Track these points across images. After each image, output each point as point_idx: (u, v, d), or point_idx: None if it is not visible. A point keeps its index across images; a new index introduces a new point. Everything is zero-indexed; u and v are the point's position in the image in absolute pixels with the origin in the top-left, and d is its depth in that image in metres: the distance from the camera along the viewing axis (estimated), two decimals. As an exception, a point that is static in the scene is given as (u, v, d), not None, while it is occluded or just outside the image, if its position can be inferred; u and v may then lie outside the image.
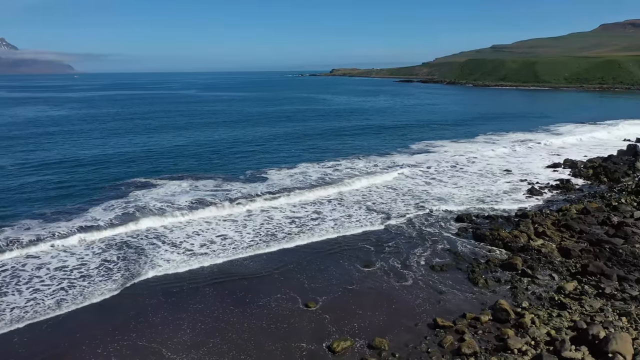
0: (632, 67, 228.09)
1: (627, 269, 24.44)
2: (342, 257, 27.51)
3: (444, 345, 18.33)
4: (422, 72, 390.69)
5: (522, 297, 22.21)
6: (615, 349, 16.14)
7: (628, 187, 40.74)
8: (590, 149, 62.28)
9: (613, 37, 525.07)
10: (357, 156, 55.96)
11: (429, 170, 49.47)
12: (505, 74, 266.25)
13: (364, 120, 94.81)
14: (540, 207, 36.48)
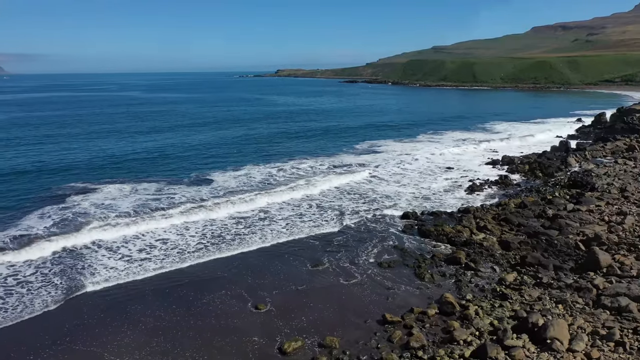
0: (563, 68, 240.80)
1: (562, 259, 25.75)
2: (292, 258, 27.47)
3: (393, 340, 18.66)
4: (366, 73, 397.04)
5: (466, 290, 22.95)
6: (553, 335, 16.95)
7: (561, 182, 42.95)
8: (526, 146, 65.17)
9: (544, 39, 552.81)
10: (304, 157, 56.09)
11: (375, 169, 50.23)
12: (446, 74, 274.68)
13: (310, 121, 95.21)
14: (481, 203, 37.85)
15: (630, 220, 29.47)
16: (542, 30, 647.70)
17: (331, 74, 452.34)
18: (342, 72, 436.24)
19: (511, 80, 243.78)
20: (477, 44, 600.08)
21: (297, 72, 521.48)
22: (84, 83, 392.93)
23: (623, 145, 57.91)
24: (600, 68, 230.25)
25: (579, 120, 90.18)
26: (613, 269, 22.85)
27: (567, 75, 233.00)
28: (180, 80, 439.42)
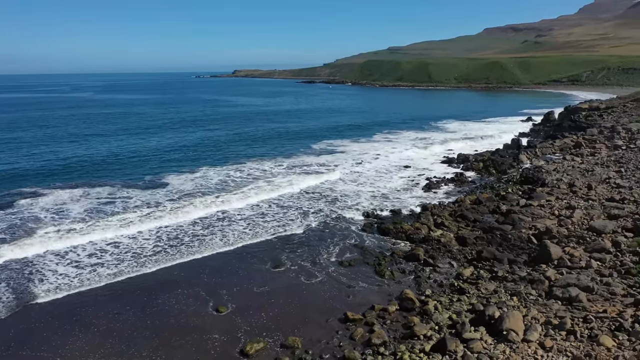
0: (513, 69, 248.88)
1: (515, 253, 26.60)
2: (252, 259, 27.27)
3: (355, 338, 18.81)
4: (324, 73, 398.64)
5: (425, 286, 23.38)
6: (509, 327, 17.48)
7: (514, 178, 44.36)
8: (480, 144, 67.01)
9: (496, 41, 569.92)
10: (262, 158, 55.75)
11: (334, 169, 50.50)
12: (402, 74, 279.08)
13: (268, 122, 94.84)
14: (438, 200, 38.66)
15: (578, 213, 30.71)
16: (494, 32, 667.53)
17: (289, 74, 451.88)
18: (300, 73, 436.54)
19: (465, 81, 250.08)
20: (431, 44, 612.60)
21: (255, 73, 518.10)
22: (26, 85, 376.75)
23: (570, 142, 60.26)
24: (549, 68, 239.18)
25: (529, 119, 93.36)
26: (563, 261, 23.76)
27: (518, 75, 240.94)
28: (135, 81, 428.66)
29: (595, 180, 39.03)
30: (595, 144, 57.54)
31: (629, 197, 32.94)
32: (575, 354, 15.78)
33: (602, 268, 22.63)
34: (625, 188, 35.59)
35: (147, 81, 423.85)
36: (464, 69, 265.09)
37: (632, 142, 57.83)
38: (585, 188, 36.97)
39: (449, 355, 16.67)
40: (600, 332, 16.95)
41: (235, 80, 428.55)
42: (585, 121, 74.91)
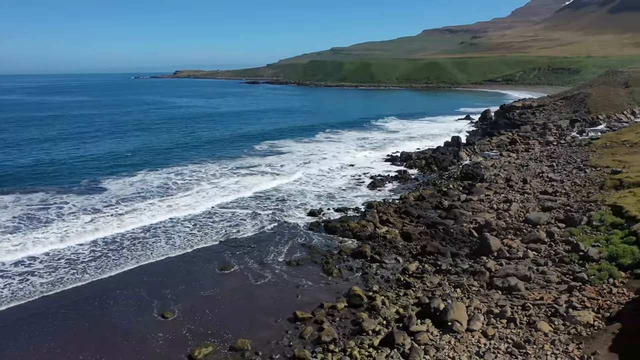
0: (451, 69, 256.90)
1: (458, 246, 27.48)
2: (199, 263, 26.75)
3: (304, 337, 18.83)
4: (268, 74, 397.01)
5: (372, 282, 23.72)
6: (453, 318, 18.04)
7: (454, 174, 45.87)
8: (422, 142, 68.73)
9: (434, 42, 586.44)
10: (205, 160, 54.70)
11: (279, 169, 50.41)
12: (345, 74, 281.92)
13: (211, 123, 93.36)
14: (383, 197, 39.35)
15: (515, 207, 32.12)
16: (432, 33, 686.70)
17: (232, 74, 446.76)
18: (243, 73, 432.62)
19: (406, 80, 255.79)
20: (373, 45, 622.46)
21: (197, 73, 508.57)
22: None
23: (506, 139, 62.97)
24: (484, 68, 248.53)
25: (467, 117, 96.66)
26: (503, 252, 24.76)
27: (456, 75, 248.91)
28: (71, 83, 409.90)
29: (530, 175, 40.96)
30: (529, 141, 60.41)
31: (560, 190, 34.78)
32: (515, 340, 16.49)
33: (538, 258, 23.77)
34: (557, 181, 37.55)
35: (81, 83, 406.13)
36: (405, 69, 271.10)
37: (562, 138, 61.13)
38: (521, 182, 38.72)
39: (397, 348, 17.00)
40: (538, 318, 17.80)
41: (177, 81, 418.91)
42: (519, 119, 78.50)
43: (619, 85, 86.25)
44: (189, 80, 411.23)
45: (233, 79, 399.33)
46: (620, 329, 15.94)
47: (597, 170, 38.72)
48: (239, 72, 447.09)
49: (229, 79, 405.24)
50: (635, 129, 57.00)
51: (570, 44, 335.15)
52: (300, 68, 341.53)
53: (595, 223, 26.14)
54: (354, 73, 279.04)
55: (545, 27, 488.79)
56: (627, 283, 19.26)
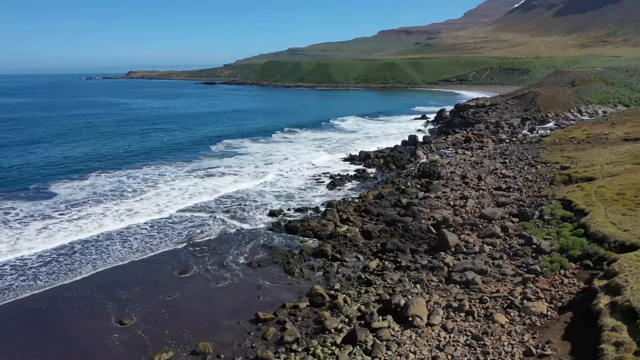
0: (407, 69, 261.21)
1: (417, 243, 27.96)
2: (158, 267, 26.17)
3: (267, 338, 18.72)
4: (224, 74, 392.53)
5: (334, 280, 23.83)
6: (414, 313, 18.34)
7: (412, 172, 46.64)
8: (380, 141, 69.56)
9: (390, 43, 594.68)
10: (160, 162, 53.48)
11: (237, 170, 49.93)
12: (303, 75, 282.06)
13: (167, 124, 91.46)
14: (343, 196, 39.59)
15: (471, 203, 32.96)
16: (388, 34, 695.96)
17: (188, 75, 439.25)
18: (200, 74, 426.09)
19: (363, 81, 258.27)
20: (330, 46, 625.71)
21: (152, 74, 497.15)
22: None
23: (461, 137, 64.54)
24: (439, 69, 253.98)
25: (424, 116, 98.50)
26: (460, 248, 25.37)
27: (412, 75, 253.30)
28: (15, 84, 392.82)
29: (485, 172, 42.13)
30: (483, 139, 62.12)
31: (513, 186, 35.93)
32: (474, 332, 16.91)
33: (494, 252, 24.46)
34: (510, 177, 38.77)
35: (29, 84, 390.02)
36: (362, 70, 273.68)
37: (514, 135, 63.17)
38: (476, 179, 39.77)
39: (359, 345, 17.14)
40: (495, 310, 18.33)
41: (131, 81, 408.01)
42: (473, 118, 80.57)
43: (566, 85, 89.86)
44: (143, 81, 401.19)
45: (189, 80, 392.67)
46: (571, 318, 16.60)
47: (547, 166, 40.22)
48: (195, 73, 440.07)
49: (185, 80, 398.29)
50: (582, 127, 59.52)
51: (520, 45, 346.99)
52: (258, 68, 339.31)
53: (546, 217, 27.14)
54: (312, 73, 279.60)
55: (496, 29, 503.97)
56: (577, 274, 20.07)
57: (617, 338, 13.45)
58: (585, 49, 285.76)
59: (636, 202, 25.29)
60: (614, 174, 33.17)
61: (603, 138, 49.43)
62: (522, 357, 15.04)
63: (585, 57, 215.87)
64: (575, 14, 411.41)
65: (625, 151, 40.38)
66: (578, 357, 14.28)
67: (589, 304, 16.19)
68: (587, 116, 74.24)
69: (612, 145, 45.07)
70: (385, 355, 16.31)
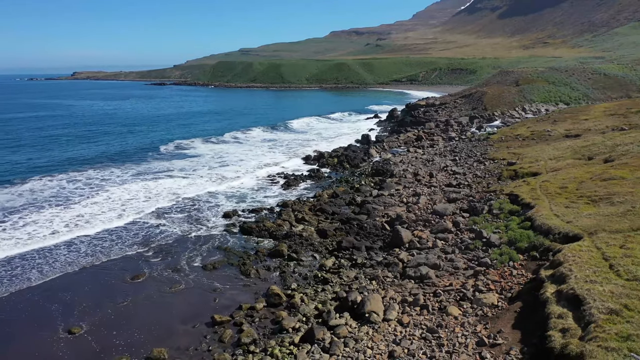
0: (359, 69, 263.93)
1: (372, 240, 28.29)
2: (107, 273, 25.33)
3: (224, 340, 18.46)
4: (174, 75, 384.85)
5: (290, 280, 23.77)
6: (370, 309, 18.54)
7: (366, 171, 47.18)
8: (333, 141, 70.01)
9: (341, 43, 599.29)
10: (106, 165, 51.70)
11: (188, 172, 49.03)
12: (255, 75, 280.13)
13: (115, 125, 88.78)
14: (298, 196, 39.57)
15: (423, 199, 33.63)
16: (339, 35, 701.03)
17: (136, 76, 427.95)
18: (149, 75, 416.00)
19: (316, 81, 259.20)
20: (282, 46, 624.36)
21: (98, 75, 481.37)
22: None
23: (413, 136, 65.78)
24: (390, 69, 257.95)
25: (376, 115, 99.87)
26: (414, 243, 25.84)
27: (363, 75, 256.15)
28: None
29: (436, 169, 43.12)
30: (433, 137, 63.53)
31: (463, 182, 36.93)
32: (429, 325, 17.26)
33: (446, 246, 25.05)
34: (460, 174, 39.83)
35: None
36: (314, 70, 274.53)
37: (463, 133, 64.93)
38: (428, 176, 40.63)
39: (317, 343, 17.17)
40: (448, 303, 18.77)
41: (76, 83, 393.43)
42: (424, 116, 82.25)
43: (510, 84, 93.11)
44: (90, 82, 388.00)
45: (138, 81, 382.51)
46: (521, 307, 17.21)
47: (495, 163, 41.57)
48: (144, 74, 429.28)
49: (134, 81, 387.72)
50: (526, 124, 61.88)
51: (467, 46, 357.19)
52: (209, 69, 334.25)
53: (495, 211, 28.03)
54: (264, 74, 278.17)
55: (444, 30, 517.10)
56: (525, 265, 20.83)
57: (563, 325, 14.03)
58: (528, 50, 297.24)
59: (577, 195, 26.51)
60: (557, 168, 34.67)
61: (546, 135, 51.55)
62: (475, 348, 15.46)
63: (528, 57, 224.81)
64: (518, 17, 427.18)
65: (566, 147, 42.28)
66: (527, 344, 14.81)
67: (536, 294, 16.82)
68: (531, 114, 77.25)
69: (555, 141, 47.09)
70: (343, 352, 16.41)
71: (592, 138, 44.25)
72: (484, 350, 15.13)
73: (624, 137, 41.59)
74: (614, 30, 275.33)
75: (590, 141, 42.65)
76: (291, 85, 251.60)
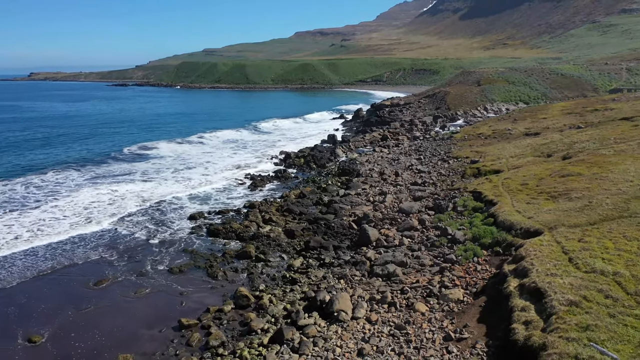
0: (324, 70, 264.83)
1: (339, 239, 28.41)
2: (70, 279, 24.61)
3: (192, 344, 18.20)
4: (137, 76, 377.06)
5: (258, 281, 23.64)
6: (339, 308, 18.62)
7: (332, 171, 47.36)
8: (299, 141, 69.99)
9: (306, 44, 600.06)
10: (64, 167, 50.16)
11: (154, 174, 48.17)
12: (219, 76, 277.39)
13: (76, 127, 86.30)
14: (265, 197, 39.38)
15: (389, 198, 34.00)
16: (304, 36, 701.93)
17: (97, 77, 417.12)
18: (110, 75, 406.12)
19: (281, 81, 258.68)
20: (246, 47, 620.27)
21: (57, 76, 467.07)
22: None
23: (378, 135, 66.42)
24: (355, 69, 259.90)
25: (342, 116, 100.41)
26: (381, 242, 26.08)
27: (329, 76, 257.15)
28: None
29: (401, 168, 43.64)
30: (398, 136, 64.31)
31: (428, 180, 37.51)
32: (396, 322, 17.45)
33: (413, 244, 25.39)
34: (425, 173, 40.44)
35: None
36: (280, 71, 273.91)
37: (427, 132, 65.95)
38: (394, 175, 41.09)
39: (286, 344, 17.14)
40: (415, 300, 19.03)
41: (33, 84, 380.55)
42: (389, 116, 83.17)
43: (472, 84, 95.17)
44: (48, 83, 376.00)
45: (99, 82, 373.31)
46: (485, 302, 17.61)
47: (458, 161, 42.37)
48: (105, 74, 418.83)
49: (94, 82, 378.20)
50: (488, 123, 63.36)
51: (429, 47, 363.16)
52: (172, 69, 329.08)
53: (459, 208, 28.58)
54: (229, 74, 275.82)
55: (407, 31, 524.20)
56: (489, 260, 21.32)
57: (526, 317, 14.42)
58: (489, 50, 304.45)
59: (538, 192, 27.29)
60: (518, 166, 35.61)
61: (507, 133, 52.89)
62: (442, 343, 15.72)
63: (489, 58, 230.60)
64: (479, 18, 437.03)
65: (526, 145, 43.48)
66: (492, 337, 15.16)
67: (500, 288, 17.23)
68: (492, 113, 79.13)
69: (515, 139, 48.35)
70: (312, 352, 16.42)
71: (550, 136, 45.65)
72: (450, 345, 15.41)
73: (581, 135, 43.09)
74: (570, 32, 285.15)
75: (549, 139, 43.99)
76: (256, 86, 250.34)
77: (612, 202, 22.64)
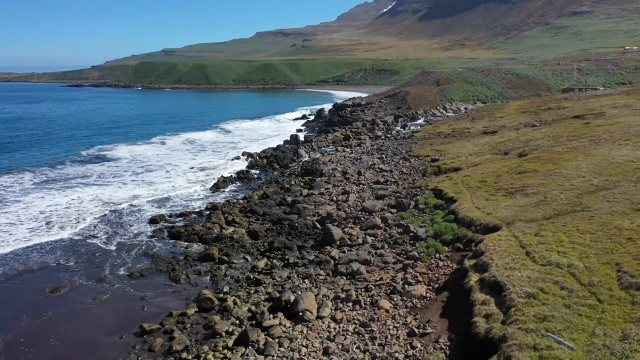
0: (286, 70, 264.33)
1: (303, 239, 28.40)
2: (24, 287, 23.70)
3: (154, 349, 17.83)
4: (93, 76, 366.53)
5: (222, 283, 23.38)
6: (304, 307, 18.61)
7: (295, 171, 47.30)
8: (262, 142, 69.58)
9: (267, 44, 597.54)
10: (24, 172, 48.21)
11: (111, 177, 46.95)
12: (179, 76, 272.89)
13: (31, 130, 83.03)
14: (227, 198, 38.97)
15: (352, 197, 34.23)
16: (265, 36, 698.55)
17: (50, 77, 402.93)
18: (64, 76, 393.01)
19: (242, 82, 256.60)
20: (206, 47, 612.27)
21: (8, 76, 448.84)
22: None
23: (341, 135, 66.78)
24: (316, 70, 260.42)
25: (304, 116, 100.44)
26: (344, 241, 26.23)
27: (290, 76, 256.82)
28: None
29: (364, 167, 44.01)
30: (360, 136, 64.82)
31: (390, 179, 37.97)
32: (361, 320, 17.58)
33: (376, 242, 25.64)
34: (387, 171, 40.90)
35: None
36: (241, 71, 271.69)
37: (389, 132, 66.73)
38: (356, 174, 41.39)
39: (252, 345, 17.02)
40: (379, 297, 19.21)
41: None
42: (351, 116, 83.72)
43: (432, 84, 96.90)
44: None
45: (52, 82, 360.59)
46: (447, 297, 17.94)
47: (419, 160, 43.06)
48: (59, 75, 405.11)
49: (48, 82, 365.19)
50: (448, 122, 64.65)
51: (390, 48, 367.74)
52: (130, 70, 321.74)
53: (421, 206, 29.04)
54: (189, 75, 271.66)
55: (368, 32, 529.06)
56: (450, 256, 21.74)
57: (486, 310, 14.77)
58: (447, 51, 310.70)
59: (496, 188, 28.02)
60: (477, 163, 36.47)
61: (466, 132, 54.10)
62: (406, 338, 15.93)
63: (447, 58, 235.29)
64: (437, 19, 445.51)
65: (484, 143, 44.57)
66: (455, 332, 15.47)
67: (461, 283, 17.60)
68: (451, 112, 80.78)
69: (474, 138, 49.51)
70: (278, 352, 16.35)
71: (507, 134, 46.96)
72: (414, 340, 15.63)
73: (535, 133, 44.50)
74: (524, 34, 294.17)
75: (505, 137, 45.25)
76: (217, 87, 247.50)
77: (565, 197, 23.48)
